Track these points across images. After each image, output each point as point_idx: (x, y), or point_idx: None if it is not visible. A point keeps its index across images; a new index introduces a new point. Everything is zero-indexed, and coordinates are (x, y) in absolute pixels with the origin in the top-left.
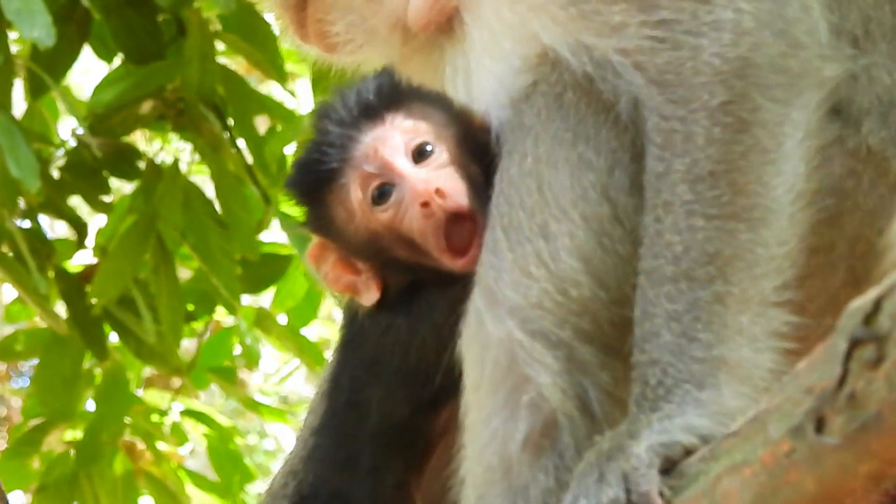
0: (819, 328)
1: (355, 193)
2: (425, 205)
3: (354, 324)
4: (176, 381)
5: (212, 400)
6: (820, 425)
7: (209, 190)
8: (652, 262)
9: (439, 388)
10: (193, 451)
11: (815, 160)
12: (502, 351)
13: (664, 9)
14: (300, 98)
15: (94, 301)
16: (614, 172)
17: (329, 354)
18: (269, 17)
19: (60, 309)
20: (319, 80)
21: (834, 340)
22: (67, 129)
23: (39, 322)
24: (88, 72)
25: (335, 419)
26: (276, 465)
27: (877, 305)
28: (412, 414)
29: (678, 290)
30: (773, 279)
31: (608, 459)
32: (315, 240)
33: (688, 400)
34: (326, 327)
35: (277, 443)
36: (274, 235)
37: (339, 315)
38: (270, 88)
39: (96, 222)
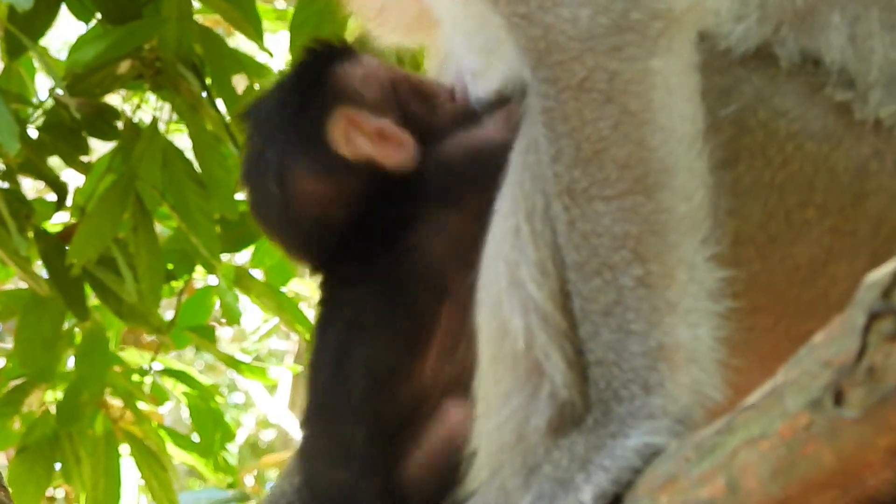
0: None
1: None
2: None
3: (331, 298)
4: (147, 338)
5: (181, 355)
6: (838, 398)
7: (187, 149)
8: (575, 255)
9: (425, 321)
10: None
11: (841, 137)
12: (521, 338)
13: None
14: (276, 56)
15: (73, 261)
16: None
17: (309, 311)
18: None
19: (40, 270)
20: (297, 37)
21: (852, 314)
22: (43, 89)
23: (18, 283)
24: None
25: (319, 403)
26: (247, 419)
27: (895, 278)
28: (401, 363)
29: (605, 282)
30: (690, 240)
31: (560, 486)
32: (334, 123)
33: (637, 407)
34: (305, 285)
35: (247, 397)
36: None
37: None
38: (238, 42)
39: (74, 182)
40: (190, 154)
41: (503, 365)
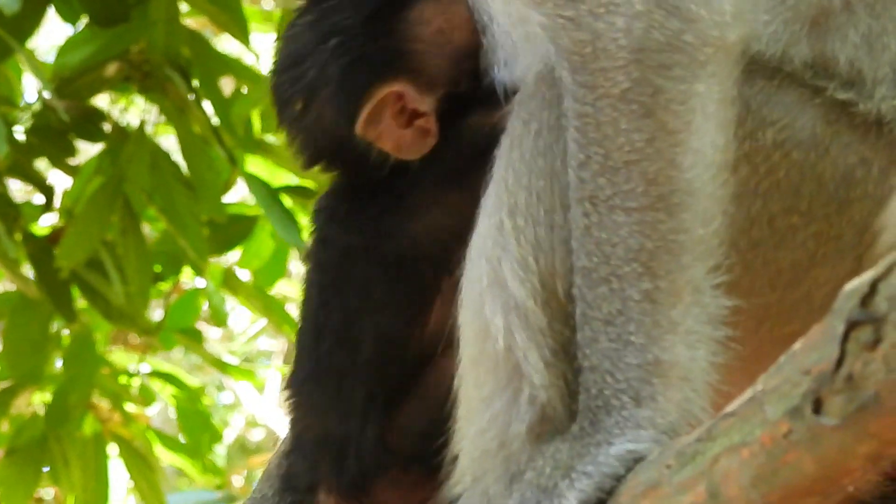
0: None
1: (463, 7)
2: None
3: (329, 266)
4: (134, 338)
5: (168, 356)
6: (818, 406)
7: (175, 152)
8: (585, 261)
9: (428, 290)
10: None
11: (828, 146)
12: (501, 339)
13: None
14: (263, 58)
15: (62, 264)
16: None
17: (296, 312)
18: None
19: (27, 273)
20: None
21: (831, 322)
22: (30, 91)
23: (5, 286)
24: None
25: (321, 364)
26: (235, 419)
27: (873, 287)
28: (405, 328)
29: (611, 291)
30: (701, 264)
31: (543, 493)
32: (372, 100)
33: (624, 417)
34: (293, 286)
35: (236, 397)
36: (239, 196)
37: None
38: (225, 43)
39: (60, 185)
40: (177, 156)
41: (484, 367)
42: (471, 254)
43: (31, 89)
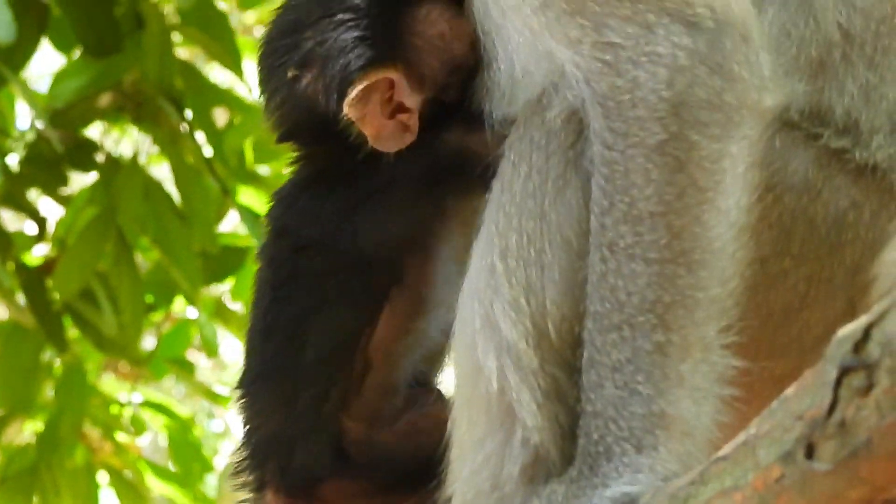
0: (817, 357)
1: (467, 23)
2: None
3: (284, 260)
4: (124, 366)
5: (159, 384)
6: (810, 451)
7: (167, 181)
8: (598, 306)
9: (377, 296)
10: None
11: (820, 189)
12: (494, 381)
13: (614, 31)
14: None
15: (55, 295)
16: None
17: None
18: (226, 8)
19: (19, 301)
20: None
21: (823, 367)
22: (22, 119)
23: None
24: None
25: (266, 364)
26: (225, 447)
27: (866, 333)
28: (352, 331)
29: (622, 339)
30: (715, 322)
31: None
32: (367, 79)
33: (624, 463)
34: None
35: (226, 425)
36: (231, 227)
37: None
38: (215, 72)
39: (52, 215)
40: (169, 186)
41: (477, 408)
42: (463, 296)
43: (23, 118)
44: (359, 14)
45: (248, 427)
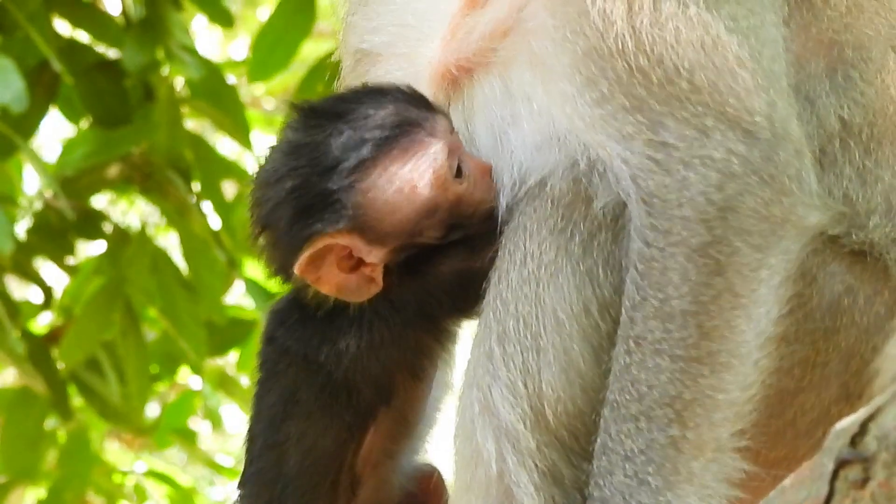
0: (810, 441)
1: (442, 164)
2: (488, 175)
3: (268, 363)
4: (127, 434)
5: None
6: None
7: (173, 251)
8: (617, 396)
9: (363, 414)
10: None
11: (815, 275)
12: (493, 464)
13: (669, 132)
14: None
15: (61, 364)
16: (621, 290)
17: None
18: (235, 81)
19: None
20: None
21: (821, 460)
22: (29, 187)
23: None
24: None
25: (253, 466)
26: None
27: (863, 427)
28: (335, 446)
29: (637, 429)
30: (730, 425)
31: None
32: (312, 247)
33: None
34: None
35: (227, 494)
36: (236, 299)
37: None
38: (223, 142)
39: (57, 283)
40: (175, 256)
41: (475, 493)
42: (462, 382)
43: (29, 184)
44: (308, 183)
45: None
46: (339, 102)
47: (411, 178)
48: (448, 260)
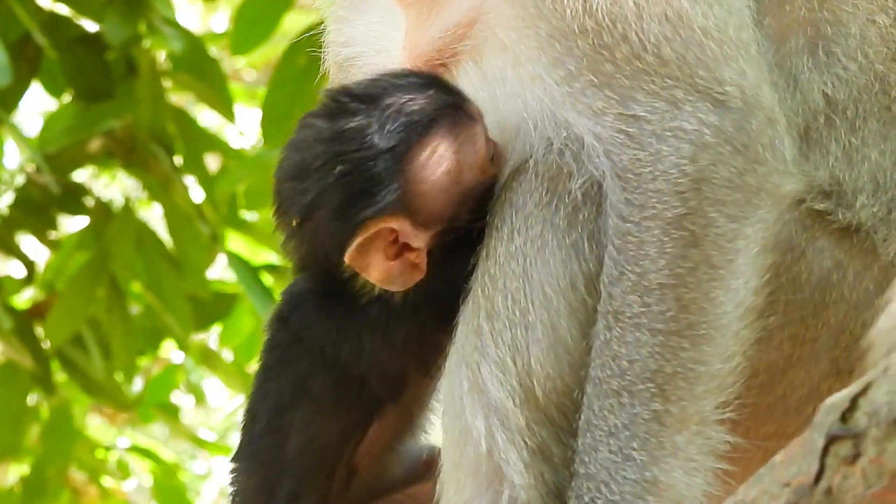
0: (801, 417)
1: (483, 145)
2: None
3: (280, 347)
4: (109, 408)
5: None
6: None
7: (151, 222)
8: (599, 372)
9: (370, 409)
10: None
11: (804, 250)
12: (482, 442)
13: (640, 105)
14: (248, 134)
15: (47, 341)
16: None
17: None
18: (218, 55)
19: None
20: (269, 117)
21: (811, 435)
22: (9, 161)
23: None
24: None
25: (253, 444)
26: (208, 489)
27: (854, 403)
28: (338, 438)
29: (620, 405)
30: (713, 398)
31: None
32: (365, 232)
33: None
34: None
35: (209, 467)
36: (219, 273)
37: None
38: (205, 115)
39: (41, 258)
40: (160, 231)
41: (465, 471)
42: (450, 361)
43: (11, 160)
44: (360, 168)
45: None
46: (376, 87)
47: (459, 158)
48: (473, 252)
